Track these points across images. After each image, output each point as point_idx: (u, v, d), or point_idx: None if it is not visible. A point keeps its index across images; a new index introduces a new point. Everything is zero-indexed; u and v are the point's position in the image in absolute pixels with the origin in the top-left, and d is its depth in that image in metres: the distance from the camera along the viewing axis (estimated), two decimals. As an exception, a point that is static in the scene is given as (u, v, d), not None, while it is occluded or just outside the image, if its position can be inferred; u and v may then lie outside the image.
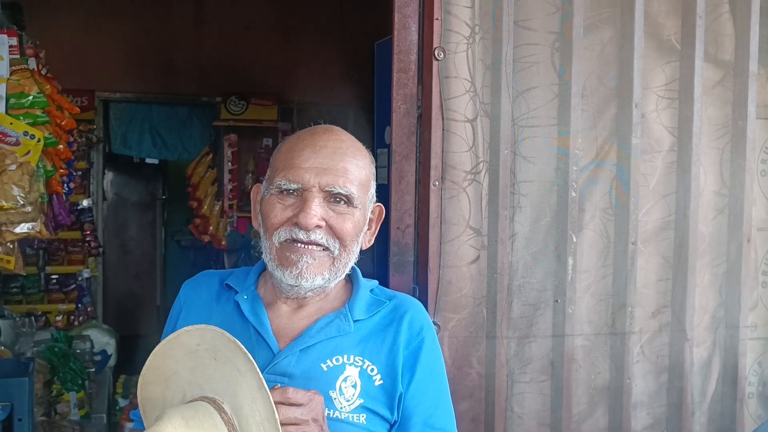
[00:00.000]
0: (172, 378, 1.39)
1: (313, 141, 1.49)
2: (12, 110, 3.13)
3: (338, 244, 1.49)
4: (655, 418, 2.62)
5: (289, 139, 1.55)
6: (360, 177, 1.51)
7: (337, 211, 1.48)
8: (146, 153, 7.59)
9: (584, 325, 2.53)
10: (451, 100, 2.37)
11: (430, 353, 1.55)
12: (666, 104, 2.61)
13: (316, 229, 1.46)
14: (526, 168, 2.47)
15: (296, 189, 1.47)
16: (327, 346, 1.49)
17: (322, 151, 1.47)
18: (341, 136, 1.53)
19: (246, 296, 1.56)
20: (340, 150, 1.49)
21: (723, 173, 2.68)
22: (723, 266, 2.69)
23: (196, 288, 1.65)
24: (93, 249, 6.51)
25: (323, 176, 1.46)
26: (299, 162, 1.47)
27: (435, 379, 1.56)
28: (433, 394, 1.54)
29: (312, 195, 1.46)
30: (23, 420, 2.39)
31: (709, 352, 2.68)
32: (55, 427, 3.65)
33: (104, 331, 5.31)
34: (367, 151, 1.57)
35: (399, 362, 1.51)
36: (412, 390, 1.51)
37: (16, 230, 2.97)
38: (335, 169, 1.47)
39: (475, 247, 2.43)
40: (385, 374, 1.49)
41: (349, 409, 1.45)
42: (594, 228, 2.54)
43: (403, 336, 1.52)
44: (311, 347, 1.49)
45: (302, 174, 1.46)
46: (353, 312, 1.53)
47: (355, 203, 1.49)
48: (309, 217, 1.44)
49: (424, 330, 1.55)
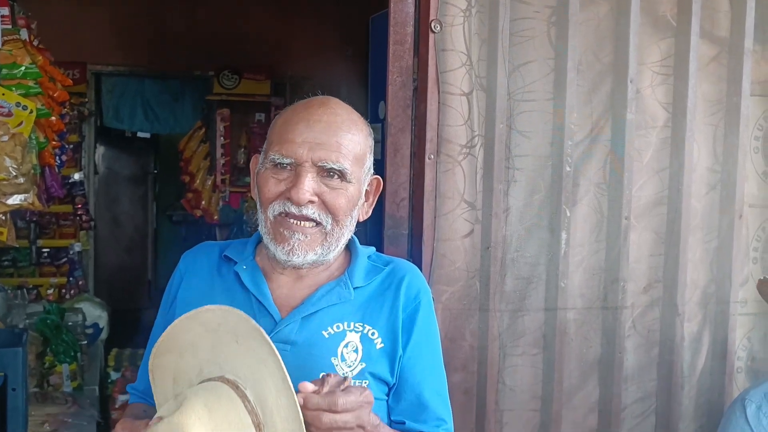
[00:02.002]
0: (189, 350, 1.37)
1: (307, 115, 1.49)
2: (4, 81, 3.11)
3: (330, 218, 1.49)
4: (645, 392, 2.65)
5: (285, 111, 1.55)
6: (355, 151, 1.50)
7: (330, 186, 1.48)
8: (138, 127, 7.56)
9: (576, 299, 2.55)
10: (447, 73, 2.36)
11: (426, 316, 1.57)
12: (661, 80, 2.61)
13: (308, 204, 1.46)
14: (521, 142, 2.47)
15: (289, 163, 1.47)
16: (328, 314, 1.51)
17: (316, 125, 1.47)
18: (337, 110, 1.52)
19: (245, 266, 1.57)
20: (334, 124, 1.49)
21: (716, 149, 2.69)
22: (714, 242, 2.71)
23: (196, 258, 1.65)
24: (84, 223, 6.50)
25: (316, 151, 1.46)
26: (293, 136, 1.47)
27: (430, 341, 1.58)
28: (428, 356, 1.56)
29: (305, 170, 1.46)
30: (17, 390, 2.38)
31: (700, 326, 2.70)
32: (48, 398, 3.66)
33: (96, 305, 5.31)
34: (365, 124, 1.57)
35: (398, 325, 1.52)
36: (409, 352, 1.53)
37: (9, 201, 2.96)
38: (329, 144, 1.46)
39: (470, 221, 2.44)
40: (385, 337, 1.51)
41: (351, 375, 1.47)
42: (588, 203, 2.55)
43: (401, 299, 1.54)
44: (312, 315, 1.50)
45: (295, 149, 1.46)
46: (352, 279, 1.55)
47: (349, 178, 1.49)
48: (301, 192, 1.45)
49: (421, 293, 1.57)
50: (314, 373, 1.44)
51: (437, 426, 1.54)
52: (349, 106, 1.56)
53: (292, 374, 1.43)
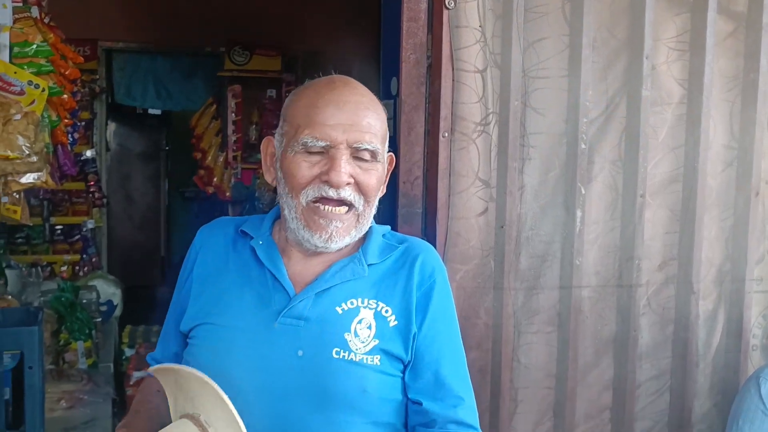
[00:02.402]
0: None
1: (335, 96, 1.48)
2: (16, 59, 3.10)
3: (363, 200, 1.50)
4: (659, 370, 2.64)
5: (305, 92, 1.53)
6: (381, 130, 1.52)
7: (363, 167, 1.48)
8: (150, 103, 7.55)
9: (591, 277, 2.54)
10: (461, 50, 2.34)
11: (442, 294, 1.56)
12: (677, 56, 2.58)
13: (345, 186, 1.46)
14: (535, 119, 2.45)
15: (324, 147, 1.46)
16: (342, 290, 1.51)
17: (345, 106, 1.46)
18: (360, 90, 1.52)
19: (261, 242, 1.57)
20: (362, 105, 1.48)
21: (733, 126, 2.66)
22: (730, 219, 2.69)
23: (211, 233, 1.66)
24: (97, 200, 6.52)
25: (350, 133, 1.45)
26: (324, 119, 1.46)
27: (446, 319, 1.57)
28: (444, 334, 1.55)
29: (340, 152, 1.45)
30: (33, 368, 2.40)
31: (715, 304, 2.69)
32: (63, 376, 3.69)
33: (110, 282, 5.34)
34: (381, 103, 1.57)
35: (412, 303, 1.52)
36: (425, 330, 1.52)
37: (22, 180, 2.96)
38: (360, 125, 1.46)
39: (484, 199, 2.43)
40: (399, 315, 1.50)
41: (364, 350, 1.46)
42: (603, 180, 2.53)
43: (416, 278, 1.53)
44: (326, 291, 1.50)
45: (329, 131, 1.45)
46: (367, 256, 1.54)
47: (379, 158, 1.51)
48: (340, 174, 1.44)
49: (436, 272, 1.57)
50: (328, 349, 1.46)
51: (454, 405, 1.52)
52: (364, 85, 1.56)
53: (307, 349, 1.44)
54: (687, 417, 2.66)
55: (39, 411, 2.43)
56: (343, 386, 1.44)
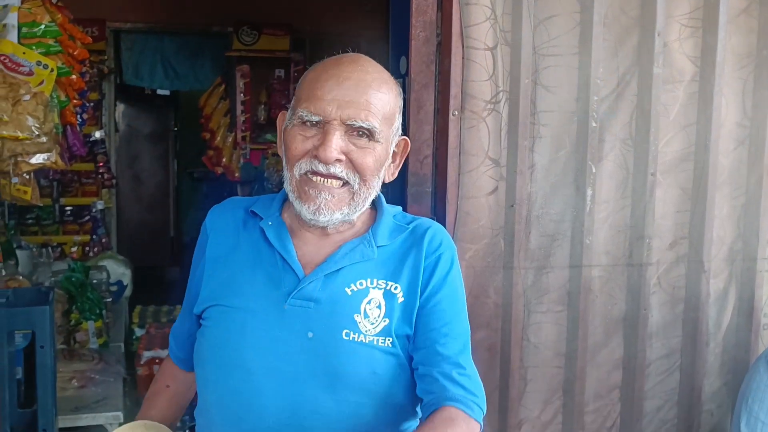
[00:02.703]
0: None
1: (337, 72, 1.46)
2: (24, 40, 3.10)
3: (358, 178, 1.47)
4: (669, 349, 2.64)
5: (315, 68, 1.52)
6: (384, 110, 1.48)
7: (358, 145, 1.46)
8: (158, 84, 7.55)
9: (601, 256, 2.53)
10: (471, 27, 2.32)
11: (447, 267, 1.53)
12: (689, 33, 2.55)
13: (335, 162, 1.44)
14: (546, 98, 2.44)
15: (318, 121, 1.45)
16: (351, 271, 1.50)
17: (345, 83, 1.44)
18: (367, 67, 1.49)
19: (271, 222, 1.56)
20: (364, 82, 1.46)
21: (745, 104, 2.64)
22: (742, 198, 2.67)
23: (221, 214, 1.65)
24: (106, 181, 6.54)
25: (345, 109, 1.43)
26: (322, 93, 1.44)
27: (452, 291, 1.54)
28: (448, 305, 1.52)
29: (333, 128, 1.44)
30: (45, 347, 2.41)
31: (726, 283, 2.68)
32: (75, 355, 3.71)
33: (120, 262, 5.35)
34: (395, 83, 1.54)
35: (419, 277, 1.51)
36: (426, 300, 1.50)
37: (32, 161, 2.97)
38: (358, 102, 1.44)
39: (494, 178, 2.42)
40: (407, 291, 1.49)
41: (374, 332, 1.46)
42: (613, 159, 2.51)
43: (423, 252, 1.52)
44: (336, 272, 1.49)
45: (324, 106, 1.43)
46: (376, 238, 1.53)
47: (377, 137, 1.47)
48: (329, 150, 1.42)
49: (443, 245, 1.54)
50: (337, 331, 1.45)
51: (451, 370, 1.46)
52: (380, 65, 1.52)
53: (317, 331, 1.44)
54: (697, 396, 2.66)
55: (51, 390, 2.44)
56: (353, 368, 1.44)
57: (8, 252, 4.11)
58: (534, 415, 2.54)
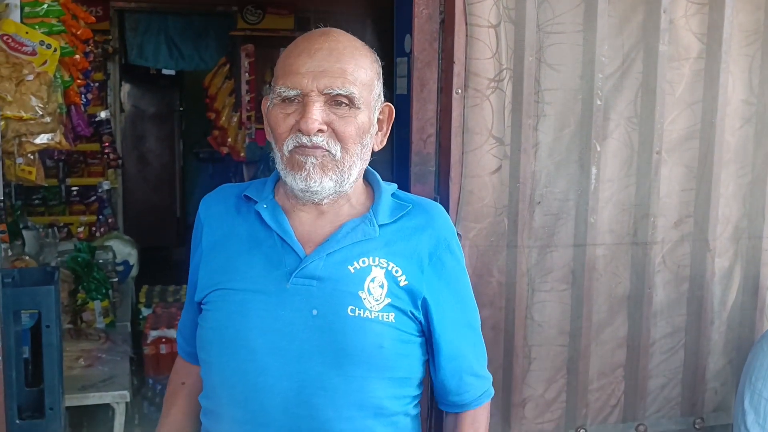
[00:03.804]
0: None
1: (309, 45, 1.47)
2: (27, 19, 3.10)
3: (340, 147, 1.47)
4: (674, 327, 2.64)
5: (288, 47, 1.52)
6: (361, 77, 1.47)
7: (338, 113, 1.46)
8: (163, 64, 7.53)
9: (606, 235, 2.52)
10: (474, 4, 2.31)
11: (453, 260, 1.57)
12: (696, 9, 2.53)
13: (318, 133, 1.44)
14: (550, 75, 2.42)
15: (296, 95, 1.45)
16: (353, 250, 1.50)
17: (317, 54, 1.45)
18: (339, 37, 1.49)
19: (265, 205, 1.56)
20: (336, 51, 1.46)
21: (752, 81, 2.62)
22: (748, 176, 2.66)
23: (214, 203, 1.65)
24: (112, 161, 6.54)
25: (321, 79, 1.43)
26: (296, 67, 1.45)
27: (459, 287, 1.59)
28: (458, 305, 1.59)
29: (311, 99, 1.44)
30: (51, 327, 2.43)
31: (731, 262, 2.67)
32: (82, 335, 3.73)
33: (126, 242, 5.37)
34: (369, 50, 1.54)
35: (423, 265, 1.52)
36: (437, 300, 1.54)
37: (36, 141, 2.97)
38: (332, 71, 1.44)
39: (498, 157, 2.41)
40: (409, 275, 1.51)
41: (378, 308, 1.47)
42: (618, 137, 2.50)
43: (426, 240, 1.54)
44: (337, 251, 1.50)
45: (300, 79, 1.44)
46: (378, 216, 1.53)
47: (357, 104, 1.47)
48: (310, 122, 1.43)
49: (448, 236, 1.57)
50: (343, 307, 1.46)
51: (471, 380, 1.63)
52: (351, 35, 1.53)
53: (321, 308, 1.45)
54: (701, 374, 2.66)
55: (57, 369, 2.46)
56: (361, 343, 1.46)
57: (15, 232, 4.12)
58: (538, 394, 2.54)
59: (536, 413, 2.55)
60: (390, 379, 1.50)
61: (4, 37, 2.90)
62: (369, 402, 1.48)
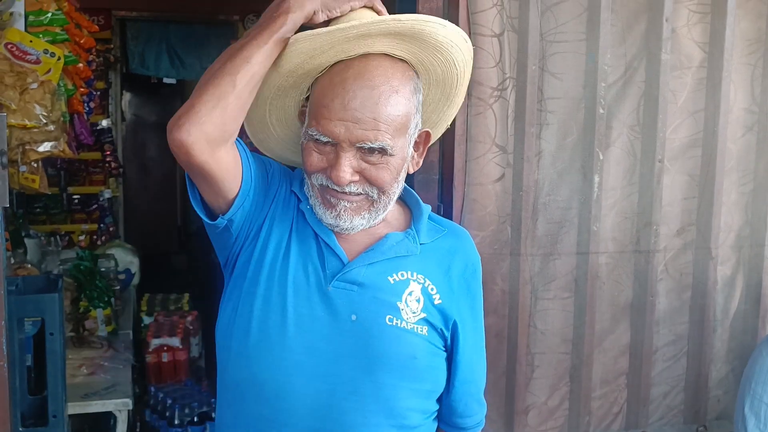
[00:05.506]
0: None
1: (343, 90, 1.40)
2: (31, 28, 3.10)
3: (376, 190, 1.47)
4: (676, 335, 2.64)
5: (329, 69, 1.45)
6: (395, 123, 1.42)
7: (371, 162, 1.44)
8: (164, 73, 7.53)
9: (608, 243, 2.53)
10: (478, 14, 2.32)
11: (477, 282, 1.63)
12: (698, 18, 2.54)
13: (350, 183, 1.44)
14: (553, 84, 2.43)
15: (327, 141, 1.43)
16: (392, 262, 1.52)
17: (351, 103, 1.39)
18: (375, 77, 1.41)
19: (309, 206, 1.54)
20: (370, 99, 1.40)
21: (754, 90, 2.63)
22: (750, 185, 2.67)
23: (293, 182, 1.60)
24: (113, 170, 6.54)
25: (353, 131, 1.40)
26: (330, 114, 1.40)
27: (480, 307, 1.65)
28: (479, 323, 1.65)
29: (343, 150, 1.41)
30: (54, 334, 2.42)
31: (733, 270, 2.68)
32: (84, 343, 3.73)
33: (127, 250, 5.36)
34: (408, 80, 1.46)
35: (453, 287, 1.56)
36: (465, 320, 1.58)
37: (40, 149, 2.98)
38: (365, 122, 1.39)
39: (501, 165, 2.41)
40: (443, 295, 1.54)
41: (414, 320, 1.49)
42: (621, 145, 2.51)
43: (457, 263, 1.58)
44: (377, 262, 1.51)
45: (332, 128, 1.40)
46: (420, 235, 1.56)
47: (391, 152, 1.44)
48: (340, 176, 1.41)
49: (475, 261, 1.63)
50: (381, 315, 1.47)
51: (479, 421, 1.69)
52: (390, 63, 1.44)
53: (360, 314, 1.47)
54: (704, 382, 2.66)
55: (60, 377, 2.46)
56: (395, 352, 1.47)
57: (17, 240, 4.12)
58: (541, 401, 2.55)
59: (539, 421, 2.55)
60: (418, 391, 1.52)
61: (9, 46, 2.91)
62: (396, 411, 1.49)
